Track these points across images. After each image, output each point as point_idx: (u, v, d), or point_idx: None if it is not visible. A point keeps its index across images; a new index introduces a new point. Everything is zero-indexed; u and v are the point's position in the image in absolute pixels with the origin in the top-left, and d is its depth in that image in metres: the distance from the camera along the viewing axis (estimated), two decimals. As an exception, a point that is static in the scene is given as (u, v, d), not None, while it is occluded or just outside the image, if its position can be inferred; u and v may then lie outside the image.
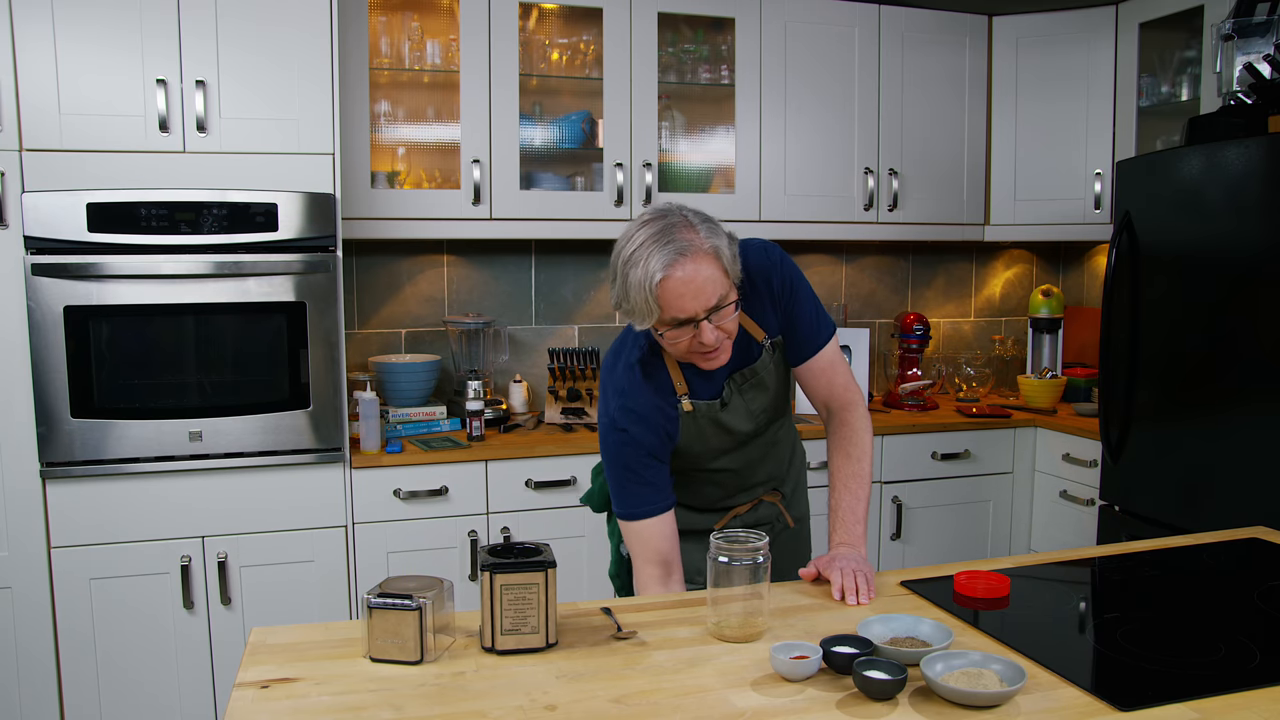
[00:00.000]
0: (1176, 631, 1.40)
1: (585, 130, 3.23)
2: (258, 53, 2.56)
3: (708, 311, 1.52)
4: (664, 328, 1.55)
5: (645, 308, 1.50)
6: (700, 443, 1.74)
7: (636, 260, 1.50)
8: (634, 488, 1.68)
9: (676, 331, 1.54)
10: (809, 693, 1.21)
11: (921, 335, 3.58)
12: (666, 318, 1.52)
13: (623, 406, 1.66)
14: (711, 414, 1.71)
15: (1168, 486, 2.73)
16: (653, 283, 1.48)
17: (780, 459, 1.94)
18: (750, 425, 1.77)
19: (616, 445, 1.67)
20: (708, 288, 1.50)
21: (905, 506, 3.27)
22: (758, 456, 1.85)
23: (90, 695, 2.54)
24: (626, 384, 1.67)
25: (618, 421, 1.66)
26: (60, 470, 2.48)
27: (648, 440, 1.66)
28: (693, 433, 1.72)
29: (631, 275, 1.50)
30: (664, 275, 1.48)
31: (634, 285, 1.50)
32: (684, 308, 1.50)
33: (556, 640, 1.36)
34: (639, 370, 1.68)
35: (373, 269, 3.28)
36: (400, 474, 2.74)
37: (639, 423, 1.65)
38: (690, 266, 1.49)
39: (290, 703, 1.19)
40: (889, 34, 3.42)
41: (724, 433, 1.75)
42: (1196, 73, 3.16)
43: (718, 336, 1.55)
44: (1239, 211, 2.50)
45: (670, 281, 1.48)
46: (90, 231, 2.44)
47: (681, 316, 1.51)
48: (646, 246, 1.49)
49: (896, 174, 3.46)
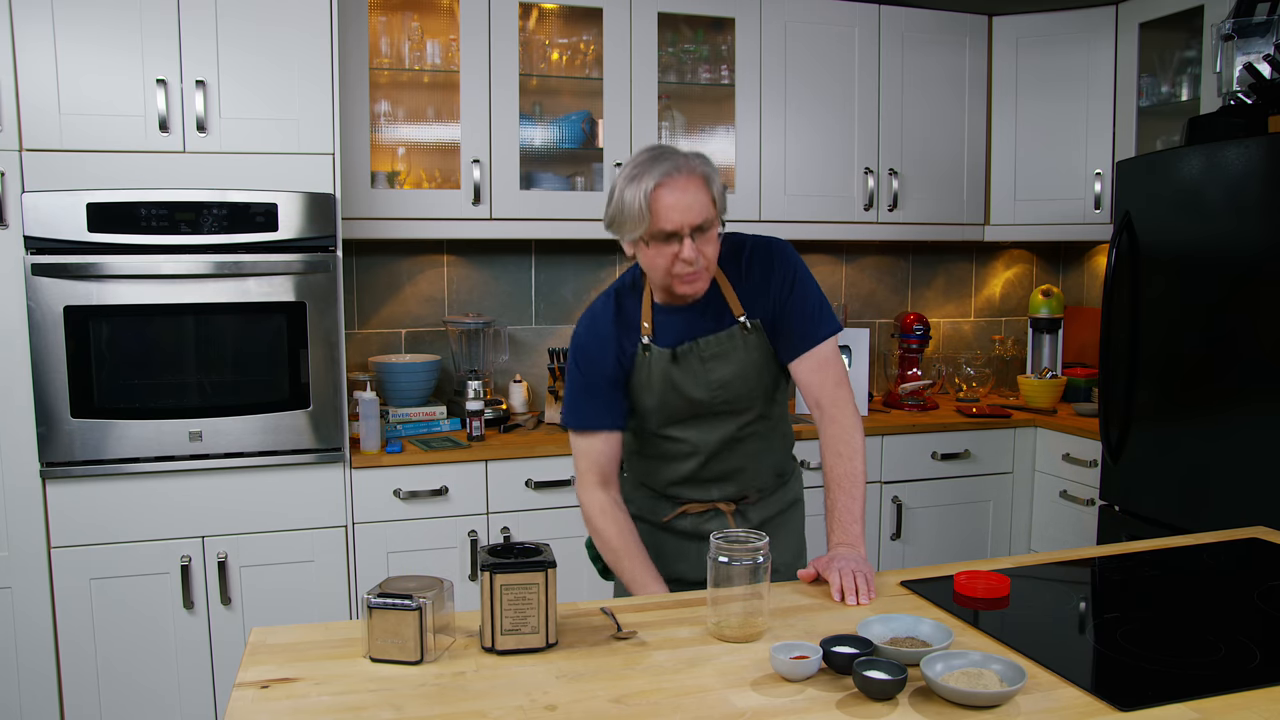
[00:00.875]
0: (1176, 631, 1.40)
1: (585, 130, 3.23)
2: (258, 53, 2.56)
3: (692, 229, 1.63)
4: (651, 241, 1.65)
5: (637, 215, 1.62)
6: (651, 394, 1.78)
7: (634, 175, 1.64)
8: (583, 401, 1.80)
9: (661, 246, 1.65)
10: (809, 693, 1.21)
11: (921, 335, 3.58)
12: (655, 229, 1.63)
13: (589, 327, 1.82)
14: (664, 363, 1.76)
15: (1168, 486, 2.73)
16: (647, 191, 1.61)
17: (747, 469, 1.87)
18: (705, 394, 1.77)
19: (575, 359, 1.82)
20: (696, 206, 1.63)
21: (905, 506, 3.27)
22: (715, 444, 1.81)
23: (90, 695, 2.54)
24: (599, 309, 1.83)
25: (581, 338, 1.82)
26: (60, 470, 2.48)
27: (602, 360, 1.78)
28: (644, 378, 1.78)
29: (628, 188, 1.63)
30: (658, 184, 1.61)
31: (629, 195, 1.63)
32: (672, 219, 1.62)
33: (556, 640, 1.36)
34: (614, 300, 1.82)
35: (373, 269, 3.28)
36: (400, 474, 2.74)
37: (597, 342, 1.79)
38: (682, 181, 1.63)
39: (290, 703, 1.19)
40: (889, 34, 3.42)
41: (676, 393, 1.77)
42: (1196, 73, 3.16)
43: (697, 256, 1.65)
44: (1239, 211, 2.50)
45: (662, 190, 1.61)
46: (90, 231, 2.44)
47: (668, 228, 1.62)
48: (645, 165, 1.64)
49: (896, 174, 3.46)
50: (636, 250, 1.70)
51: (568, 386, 1.83)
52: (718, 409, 1.80)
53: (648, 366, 1.77)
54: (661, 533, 1.91)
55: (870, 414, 3.37)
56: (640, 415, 1.83)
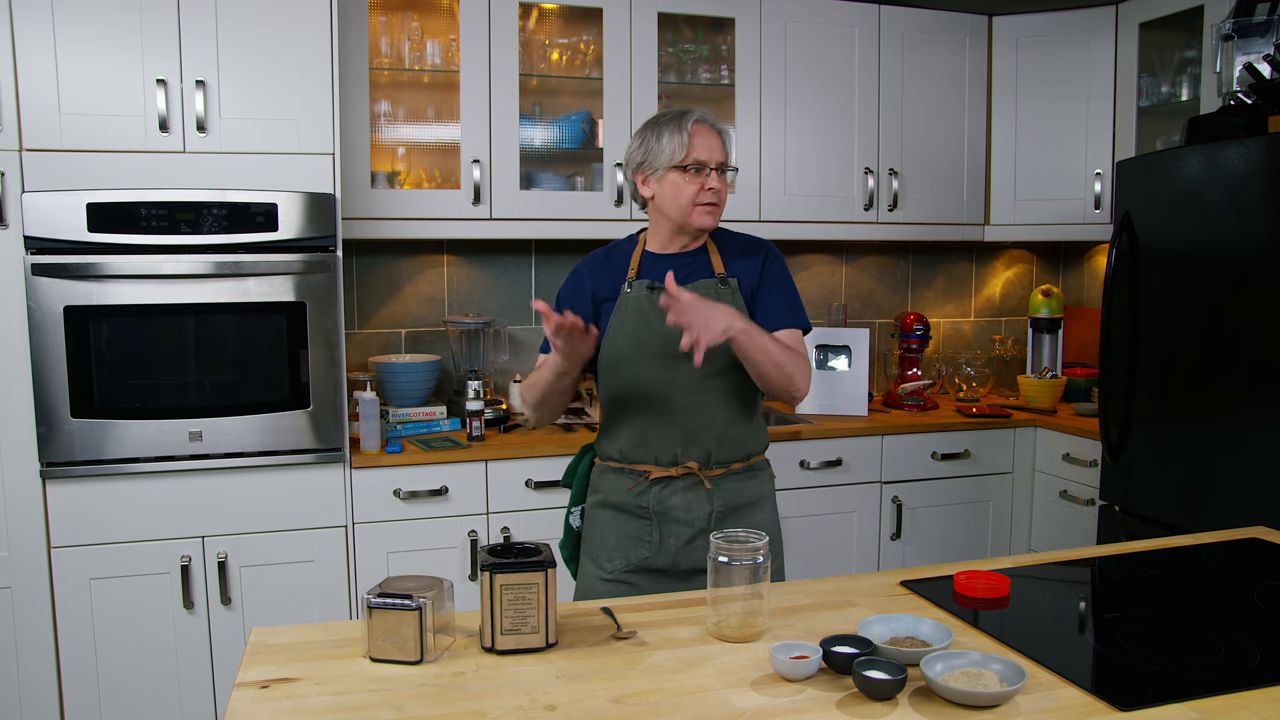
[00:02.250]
0: (1176, 631, 1.40)
1: (585, 130, 3.23)
2: (258, 53, 2.56)
3: (719, 165, 1.87)
4: (686, 167, 1.85)
5: (676, 143, 1.84)
6: (624, 327, 1.88)
7: (672, 116, 1.88)
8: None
9: (692, 176, 1.85)
10: (809, 693, 1.21)
11: (921, 335, 3.58)
12: (691, 157, 1.85)
13: (580, 265, 2.01)
14: (641, 296, 1.88)
15: (1168, 486, 2.73)
16: (689, 122, 1.86)
17: (711, 427, 1.88)
18: (673, 332, 1.74)
19: (560, 293, 2.01)
20: (720, 146, 1.89)
21: (905, 506, 3.27)
22: (683, 393, 1.85)
23: (90, 695, 2.54)
24: (596, 253, 2.02)
25: (570, 275, 2.01)
26: (60, 470, 2.48)
27: (578, 293, 1.95)
28: (622, 316, 1.89)
29: (666, 126, 1.86)
30: (696, 121, 1.87)
31: (668, 129, 1.86)
32: (705, 147, 1.86)
33: (556, 640, 1.36)
34: (607, 248, 2.02)
35: (373, 269, 3.28)
36: (400, 474, 2.74)
37: (578, 278, 1.98)
38: (711, 128, 1.89)
39: (290, 703, 1.19)
40: (889, 34, 3.42)
41: (648, 325, 1.86)
42: (1196, 73, 3.16)
43: (718, 189, 1.87)
44: (1239, 211, 2.50)
45: (700, 127, 1.87)
46: (90, 231, 2.44)
47: (702, 157, 1.85)
48: (679, 111, 1.89)
49: (896, 174, 3.46)
50: (659, 187, 1.88)
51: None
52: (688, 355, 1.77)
53: (626, 305, 1.89)
54: (625, 517, 1.91)
55: (870, 414, 3.37)
56: (613, 365, 1.90)
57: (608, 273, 1.95)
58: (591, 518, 1.98)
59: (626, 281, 1.91)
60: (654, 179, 1.88)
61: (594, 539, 1.96)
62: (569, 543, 2.05)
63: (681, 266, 1.89)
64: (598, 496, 1.96)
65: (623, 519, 1.92)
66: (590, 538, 1.98)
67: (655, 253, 1.95)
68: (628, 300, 1.90)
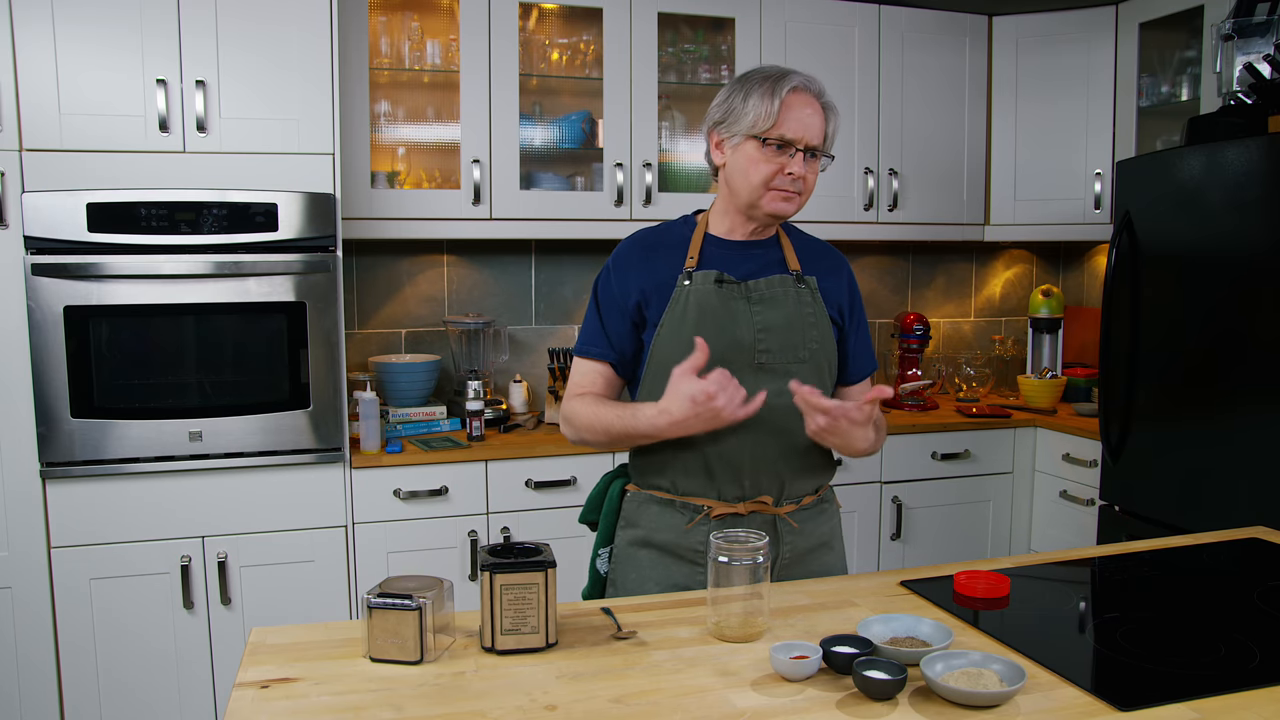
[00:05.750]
0: (1176, 631, 1.40)
1: (585, 130, 3.23)
2: (258, 53, 2.56)
3: (809, 147, 1.56)
4: (766, 142, 1.56)
5: (764, 111, 1.54)
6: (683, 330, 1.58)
7: (770, 72, 1.57)
8: (587, 327, 1.72)
9: (772, 153, 1.56)
10: (809, 693, 1.21)
11: (921, 335, 3.58)
12: (777, 131, 1.55)
13: (625, 244, 1.70)
14: (705, 290, 1.60)
15: (1168, 486, 2.73)
16: (785, 87, 1.54)
17: (778, 457, 1.62)
18: (748, 335, 1.60)
19: (596, 282, 1.71)
20: (816, 127, 1.57)
21: (905, 506, 3.27)
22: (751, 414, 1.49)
23: (90, 695, 2.54)
24: (642, 233, 1.71)
25: (612, 258, 1.70)
26: (60, 470, 2.48)
27: (623, 282, 1.65)
28: (678, 314, 1.60)
29: (759, 85, 1.55)
30: (795, 87, 1.55)
31: (760, 88, 1.55)
32: (795, 126, 1.55)
33: (556, 640, 1.36)
34: (662, 231, 1.71)
35: (373, 269, 3.28)
36: (400, 474, 2.74)
37: (625, 259, 1.68)
38: (814, 100, 1.57)
39: (290, 703, 1.19)
40: (889, 34, 3.42)
41: (714, 327, 1.58)
42: (1196, 73, 3.16)
43: (801, 177, 1.58)
44: (1239, 211, 2.50)
45: (797, 95, 1.55)
46: (90, 231, 2.44)
47: (790, 134, 1.55)
48: (781, 70, 1.57)
49: (896, 174, 3.46)
50: (733, 156, 1.59)
51: (589, 308, 1.75)
52: (757, 358, 1.61)
53: (683, 300, 1.60)
54: (671, 560, 1.65)
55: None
56: (666, 374, 1.52)
57: (659, 259, 1.65)
58: (624, 558, 1.68)
59: (684, 271, 1.62)
60: (729, 145, 1.59)
61: (627, 584, 1.66)
62: (594, 593, 1.75)
63: (753, 258, 1.66)
64: (634, 533, 1.67)
65: (667, 562, 1.64)
66: (623, 583, 1.67)
67: (721, 238, 1.67)
68: (686, 294, 1.60)
